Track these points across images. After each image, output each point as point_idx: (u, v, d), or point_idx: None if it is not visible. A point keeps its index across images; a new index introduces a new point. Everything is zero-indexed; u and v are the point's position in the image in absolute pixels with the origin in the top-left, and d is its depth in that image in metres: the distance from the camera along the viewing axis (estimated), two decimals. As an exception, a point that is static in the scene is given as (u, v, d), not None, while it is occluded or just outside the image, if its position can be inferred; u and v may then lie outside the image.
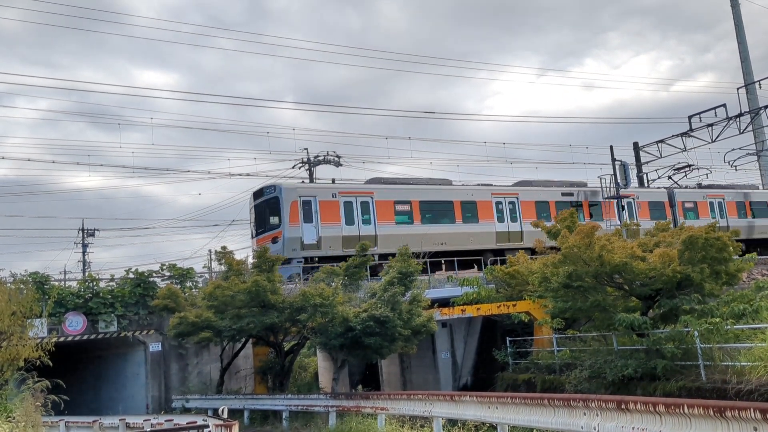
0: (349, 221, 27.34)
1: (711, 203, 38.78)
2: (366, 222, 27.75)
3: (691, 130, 42.40)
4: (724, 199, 39.31)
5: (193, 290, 22.15)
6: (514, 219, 32.00)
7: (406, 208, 29.06)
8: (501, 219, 31.65)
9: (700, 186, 40.96)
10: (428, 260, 27.34)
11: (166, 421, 14.68)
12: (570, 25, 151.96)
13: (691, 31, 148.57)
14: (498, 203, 31.86)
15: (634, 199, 36.25)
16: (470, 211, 30.85)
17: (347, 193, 27.83)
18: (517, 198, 32.45)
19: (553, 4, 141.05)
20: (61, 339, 19.34)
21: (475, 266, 29.90)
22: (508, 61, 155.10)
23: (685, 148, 43.17)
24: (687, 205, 37.87)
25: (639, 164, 47.16)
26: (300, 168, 43.66)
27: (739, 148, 44.61)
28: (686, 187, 40.66)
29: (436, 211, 30.05)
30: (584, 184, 35.89)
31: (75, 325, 20.19)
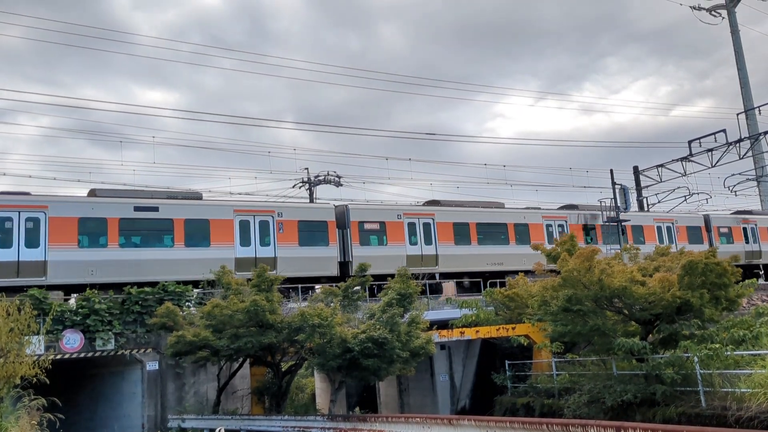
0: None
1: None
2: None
3: (691, 154, 42.56)
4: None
5: (192, 309, 22.08)
6: None
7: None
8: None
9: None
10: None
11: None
12: (569, 50, 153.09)
13: (689, 57, 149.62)
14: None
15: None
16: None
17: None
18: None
19: (552, 29, 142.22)
20: (58, 356, 19.26)
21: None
22: (508, 84, 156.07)
23: (685, 172, 43.31)
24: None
25: (639, 188, 47.28)
26: (300, 188, 43.78)
27: (739, 174, 44.81)
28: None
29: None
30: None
31: (72, 342, 20.10)
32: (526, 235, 32.64)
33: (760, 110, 43.55)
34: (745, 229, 40.39)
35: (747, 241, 39.98)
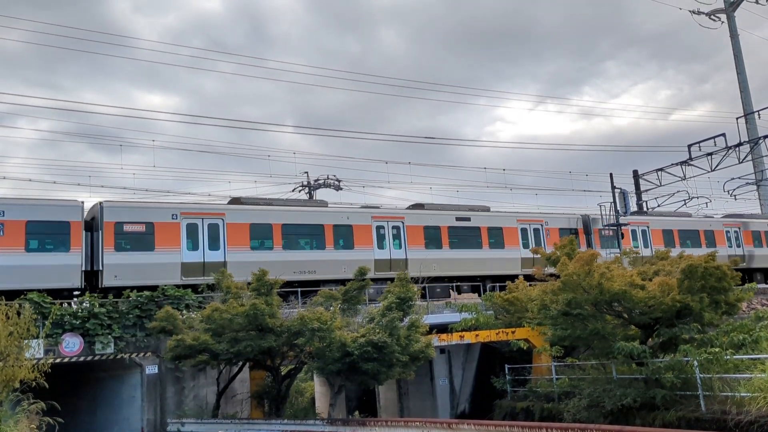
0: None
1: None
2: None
3: (691, 158, 42.59)
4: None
5: (191, 313, 22.06)
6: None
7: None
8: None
9: None
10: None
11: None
12: (569, 54, 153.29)
13: (689, 61, 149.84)
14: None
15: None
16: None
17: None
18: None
19: (552, 33, 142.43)
20: (58, 360, 19.23)
21: None
22: (508, 88, 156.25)
23: (685, 176, 43.34)
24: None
25: (638, 192, 47.29)
26: (300, 191, 43.85)
27: (739, 178, 44.83)
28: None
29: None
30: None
31: (72, 346, 20.08)
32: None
33: (759, 114, 43.70)
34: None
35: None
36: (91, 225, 23.90)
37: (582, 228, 35.06)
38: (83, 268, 22.90)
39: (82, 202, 23.87)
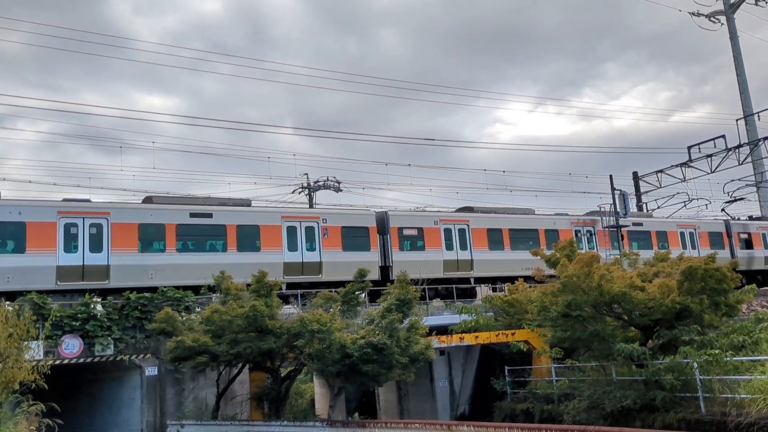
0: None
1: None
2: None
3: (691, 160, 42.65)
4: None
5: (191, 315, 22.06)
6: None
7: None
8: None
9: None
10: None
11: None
12: (568, 56, 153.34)
13: (688, 63, 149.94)
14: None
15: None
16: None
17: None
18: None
19: (551, 35, 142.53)
20: (57, 362, 19.21)
21: None
22: (508, 89, 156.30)
23: (685, 178, 43.39)
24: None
25: (638, 194, 47.35)
26: (300, 193, 43.84)
27: (738, 179, 44.84)
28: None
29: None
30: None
31: (71, 348, 20.06)
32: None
33: (759, 116, 43.74)
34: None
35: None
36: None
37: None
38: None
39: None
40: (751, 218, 42.58)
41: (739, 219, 41.77)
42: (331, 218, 28.13)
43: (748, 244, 39.13)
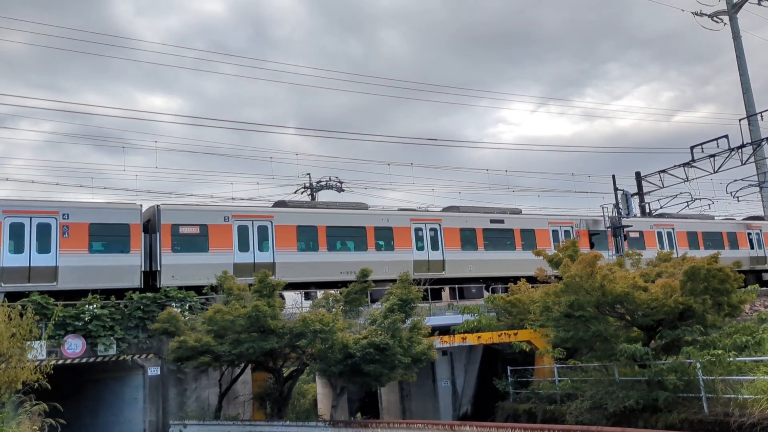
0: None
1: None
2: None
3: (693, 160, 42.56)
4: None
5: (194, 315, 22.07)
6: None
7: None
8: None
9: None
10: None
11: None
12: (571, 56, 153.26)
13: (691, 63, 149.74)
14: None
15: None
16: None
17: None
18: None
19: (554, 35, 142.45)
20: (60, 362, 19.23)
21: None
22: (510, 90, 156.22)
23: (687, 178, 43.31)
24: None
25: (641, 194, 47.26)
26: (302, 193, 43.86)
27: (741, 179, 44.74)
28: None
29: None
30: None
31: (74, 348, 20.08)
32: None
33: (762, 116, 43.56)
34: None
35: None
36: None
37: None
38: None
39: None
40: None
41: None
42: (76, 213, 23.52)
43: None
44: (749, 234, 40.79)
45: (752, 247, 40.39)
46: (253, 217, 26.55)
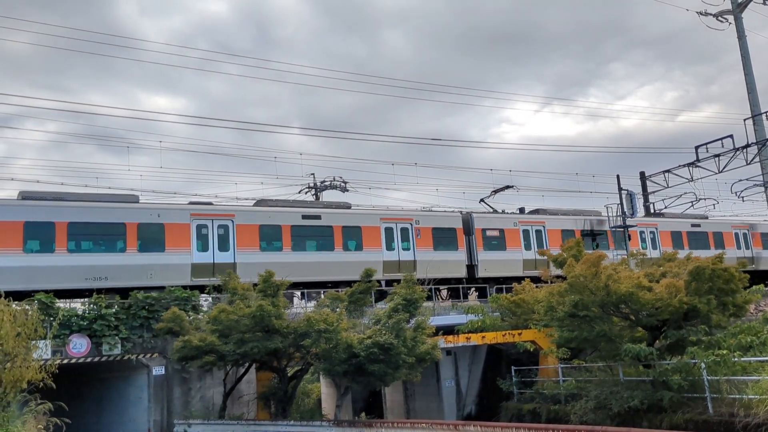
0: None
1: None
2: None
3: (698, 160, 42.45)
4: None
5: (199, 315, 22.11)
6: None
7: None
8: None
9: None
10: None
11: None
12: (575, 56, 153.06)
13: (695, 62, 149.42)
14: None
15: None
16: None
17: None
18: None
19: (558, 35, 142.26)
20: (65, 361, 19.28)
21: None
22: (514, 89, 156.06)
23: (692, 178, 43.20)
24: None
25: (646, 194, 47.16)
26: (307, 193, 43.86)
27: (746, 179, 44.61)
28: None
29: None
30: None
31: (79, 347, 20.13)
32: None
33: (767, 116, 43.42)
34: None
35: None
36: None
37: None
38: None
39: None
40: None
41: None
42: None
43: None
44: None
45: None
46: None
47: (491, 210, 35.66)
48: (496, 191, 37.17)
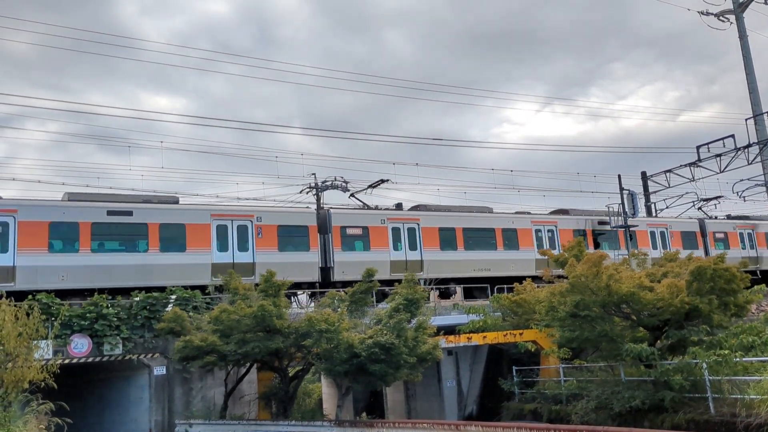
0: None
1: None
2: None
3: (699, 160, 42.47)
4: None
5: (199, 314, 22.10)
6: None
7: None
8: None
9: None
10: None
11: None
12: (576, 56, 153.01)
13: (697, 62, 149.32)
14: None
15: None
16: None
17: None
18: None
19: (558, 35, 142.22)
20: (66, 361, 19.30)
21: None
22: (515, 89, 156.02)
23: (693, 178, 43.21)
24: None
25: (647, 194, 47.18)
26: (308, 193, 43.82)
27: (748, 179, 44.58)
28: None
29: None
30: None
31: (80, 347, 20.14)
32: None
33: (768, 115, 43.38)
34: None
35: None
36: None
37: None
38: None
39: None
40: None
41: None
42: None
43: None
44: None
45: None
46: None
47: (363, 206, 32.25)
48: (372, 186, 34.48)
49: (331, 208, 30.25)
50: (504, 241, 32.12)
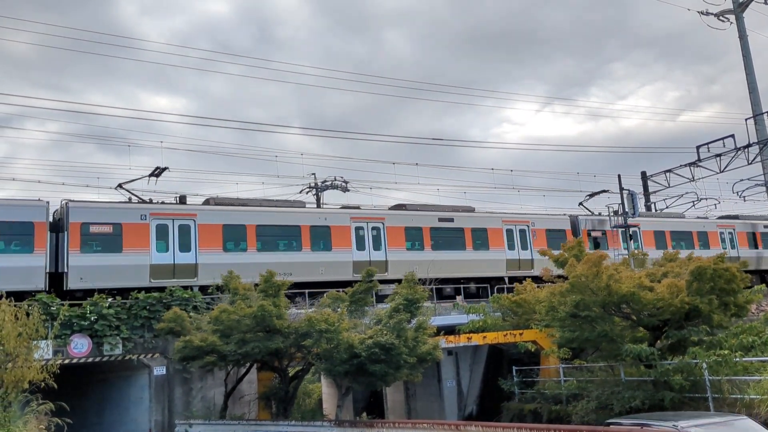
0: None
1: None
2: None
3: (699, 160, 42.48)
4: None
5: (199, 315, 22.10)
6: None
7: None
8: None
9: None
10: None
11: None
12: (576, 56, 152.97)
13: (696, 62, 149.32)
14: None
15: None
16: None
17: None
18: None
19: (558, 35, 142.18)
20: (66, 361, 19.29)
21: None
22: (515, 89, 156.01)
23: (693, 178, 43.23)
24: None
25: (647, 193, 47.20)
26: (308, 193, 43.86)
27: (748, 179, 44.60)
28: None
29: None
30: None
31: (80, 347, 20.15)
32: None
33: (768, 115, 43.41)
34: None
35: None
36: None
37: None
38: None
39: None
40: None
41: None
42: None
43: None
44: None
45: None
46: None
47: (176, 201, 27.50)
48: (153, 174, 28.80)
49: (70, 201, 24.41)
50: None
